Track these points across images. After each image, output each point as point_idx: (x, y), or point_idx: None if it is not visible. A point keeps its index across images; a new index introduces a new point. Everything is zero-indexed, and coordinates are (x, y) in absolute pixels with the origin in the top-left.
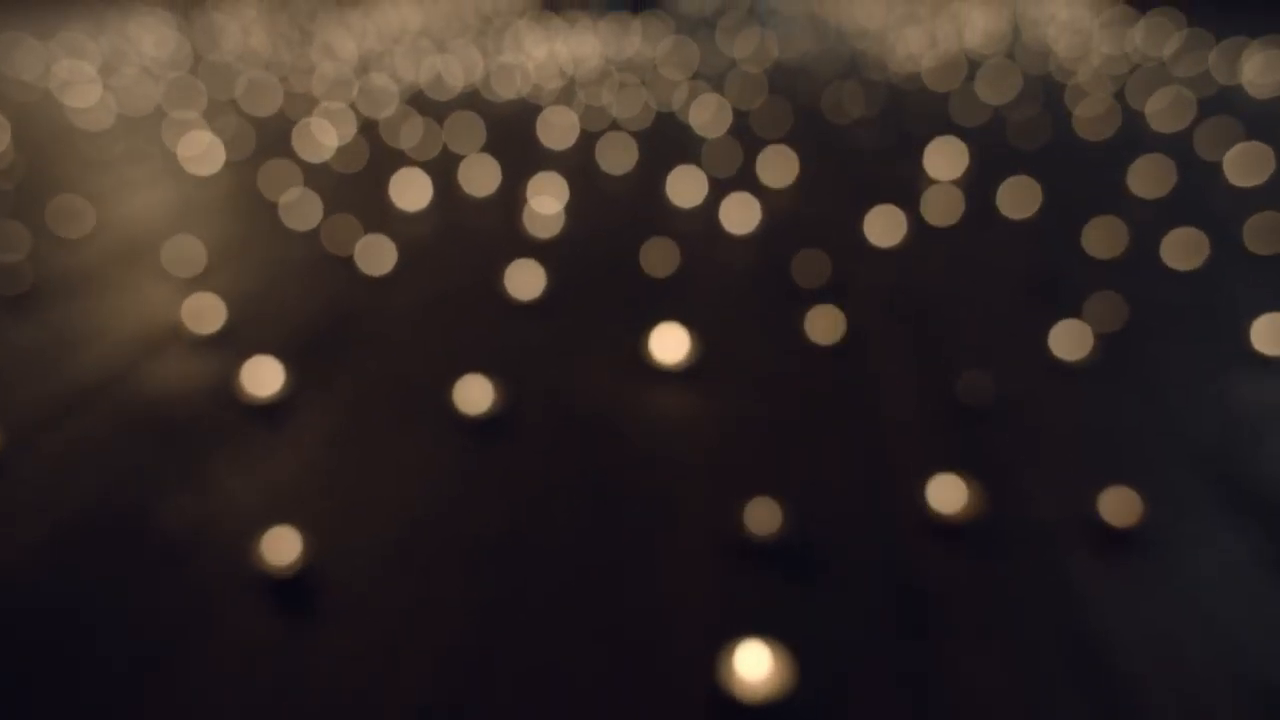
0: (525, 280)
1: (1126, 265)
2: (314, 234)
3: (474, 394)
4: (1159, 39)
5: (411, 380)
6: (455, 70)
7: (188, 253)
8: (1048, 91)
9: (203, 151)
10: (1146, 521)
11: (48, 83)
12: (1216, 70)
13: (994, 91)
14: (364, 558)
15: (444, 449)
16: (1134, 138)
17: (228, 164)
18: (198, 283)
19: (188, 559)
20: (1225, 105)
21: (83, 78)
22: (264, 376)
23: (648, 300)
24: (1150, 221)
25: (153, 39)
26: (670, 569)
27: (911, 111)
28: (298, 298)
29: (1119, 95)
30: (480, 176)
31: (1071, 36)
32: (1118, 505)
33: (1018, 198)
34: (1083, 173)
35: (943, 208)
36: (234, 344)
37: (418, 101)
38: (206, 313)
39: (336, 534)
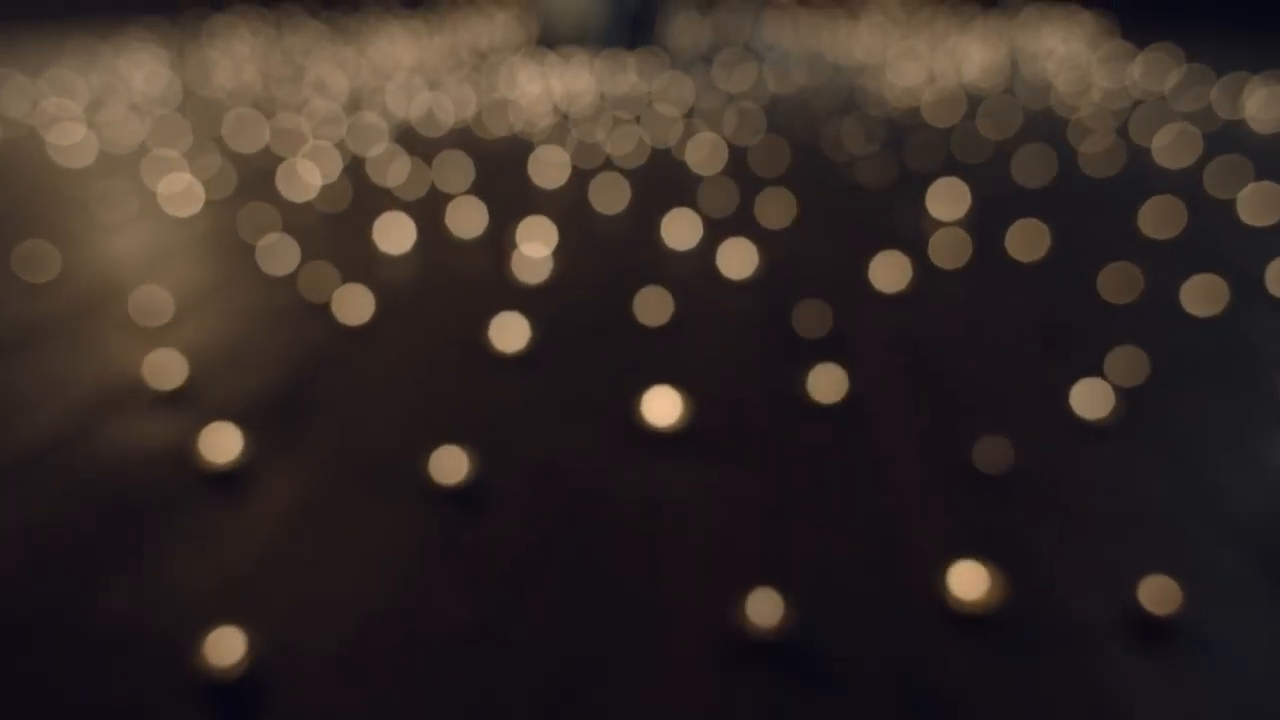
0: (510, 332)
1: (1142, 311)
2: (291, 279)
3: (448, 465)
4: (1159, 74)
5: (382, 447)
6: (447, 106)
7: (155, 302)
8: (1050, 127)
9: (182, 191)
10: (1186, 607)
11: (33, 120)
12: (1219, 105)
13: (995, 127)
14: (317, 657)
15: (412, 527)
16: (1140, 175)
17: (207, 204)
18: (163, 334)
19: (122, 653)
20: (1230, 140)
21: (68, 114)
22: (222, 443)
23: (640, 353)
24: (1165, 264)
25: (143, 75)
26: (660, 671)
27: (912, 148)
28: (267, 351)
29: (1122, 131)
30: (468, 218)
31: (1070, 71)
32: (1155, 593)
33: (1026, 240)
34: (1091, 212)
35: (948, 250)
36: (195, 403)
37: (408, 138)
38: (168, 369)
39: (288, 629)
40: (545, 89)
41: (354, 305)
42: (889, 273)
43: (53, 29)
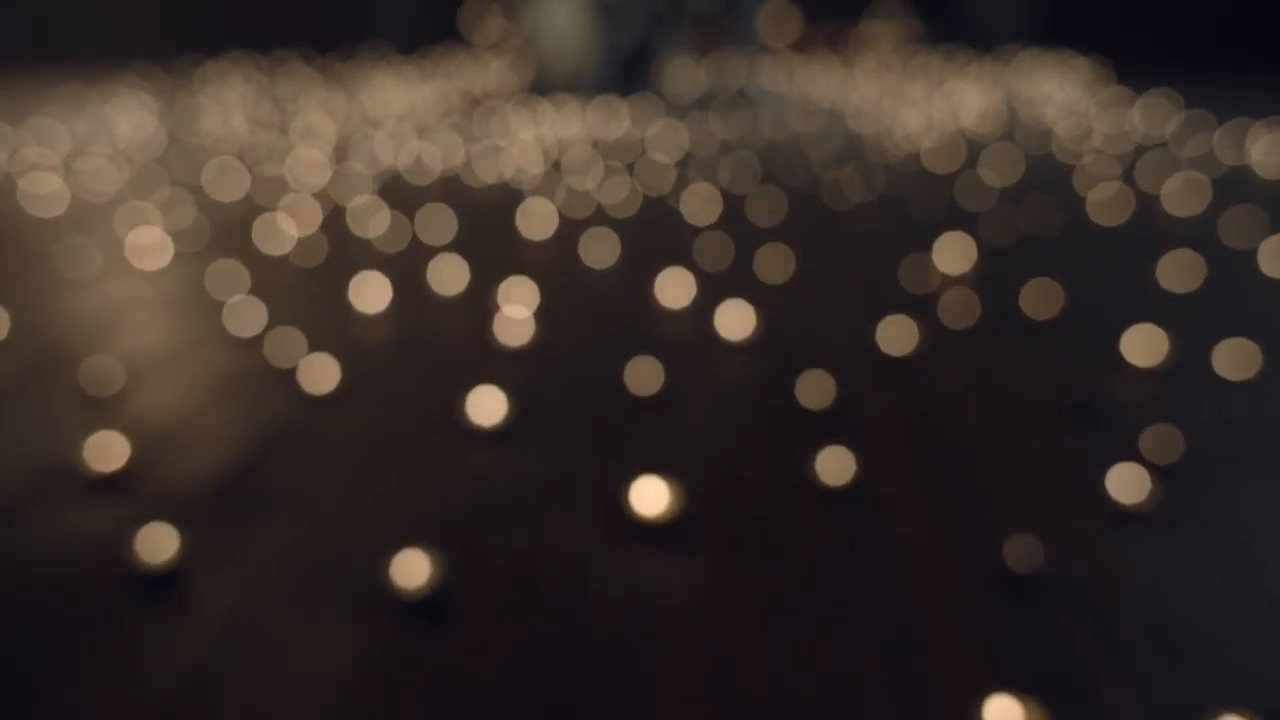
0: (488, 405)
1: (1169, 376)
2: (258, 341)
3: (410, 569)
4: (1158, 119)
5: (338, 544)
6: (436, 154)
7: (105, 371)
8: (1053, 174)
9: (152, 244)
10: None
11: (10, 168)
12: (1222, 151)
13: (997, 174)
14: None
15: (366, 642)
16: (1150, 223)
17: (177, 257)
18: (111, 407)
19: None
20: (1237, 187)
21: (45, 163)
22: (158, 539)
23: (628, 427)
24: (1187, 322)
25: (129, 122)
26: None
27: (914, 197)
28: (222, 426)
29: (1127, 177)
30: (449, 274)
31: (1070, 116)
32: None
33: (1039, 297)
34: (1104, 264)
35: (957, 309)
36: (135, 490)
37: (394, 186)
38: (109, 449)
39: None
40: (537, 136)
41: (320, 373)
42: (895, 334)
43: (43, 76)
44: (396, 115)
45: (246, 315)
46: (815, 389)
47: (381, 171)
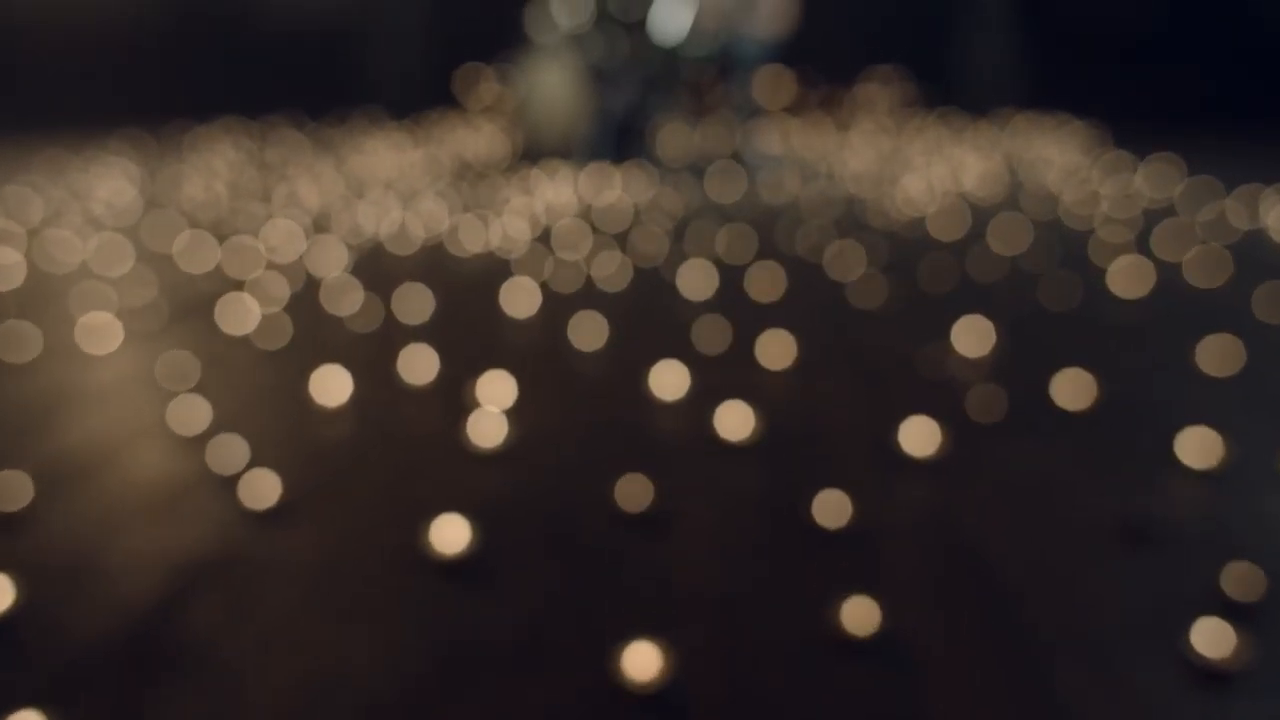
0: (452, 535)
1: (1229, 482)
2: (202, 441)
3: None
4: (1164, 184)
5: None
6: (421, 222)
7: (9, 485)
8: (1064, 241)
9: (104, 323)
10: None
11: None
12: (1234, 217)
13: (1006, 242)
14: None
15: None
16: (1174, 295)
17: (130, 339)
18: (10, 530)
19: None
20: (1254, 254)
21: (8, 234)
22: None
23: (615, 558)
24: (1230, 410)
25: (106, 190)
26: None
27: (922, 268)
28: (141, 553)
29: (1142, 245)
30: (421, 362)
31: (1074, 182)
32: None
33: (1073, 388)
34: (1134, 344)
35: (983, 401)
36: (17, 647)
37: (375, 256)
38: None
39: None
40: (526, 204)
41: (264, 486)
42: (915, 432)
43: (29, 140)
44: (383, 182)
45: (191, 411)
46: (829, 507)
47: (363, 240)
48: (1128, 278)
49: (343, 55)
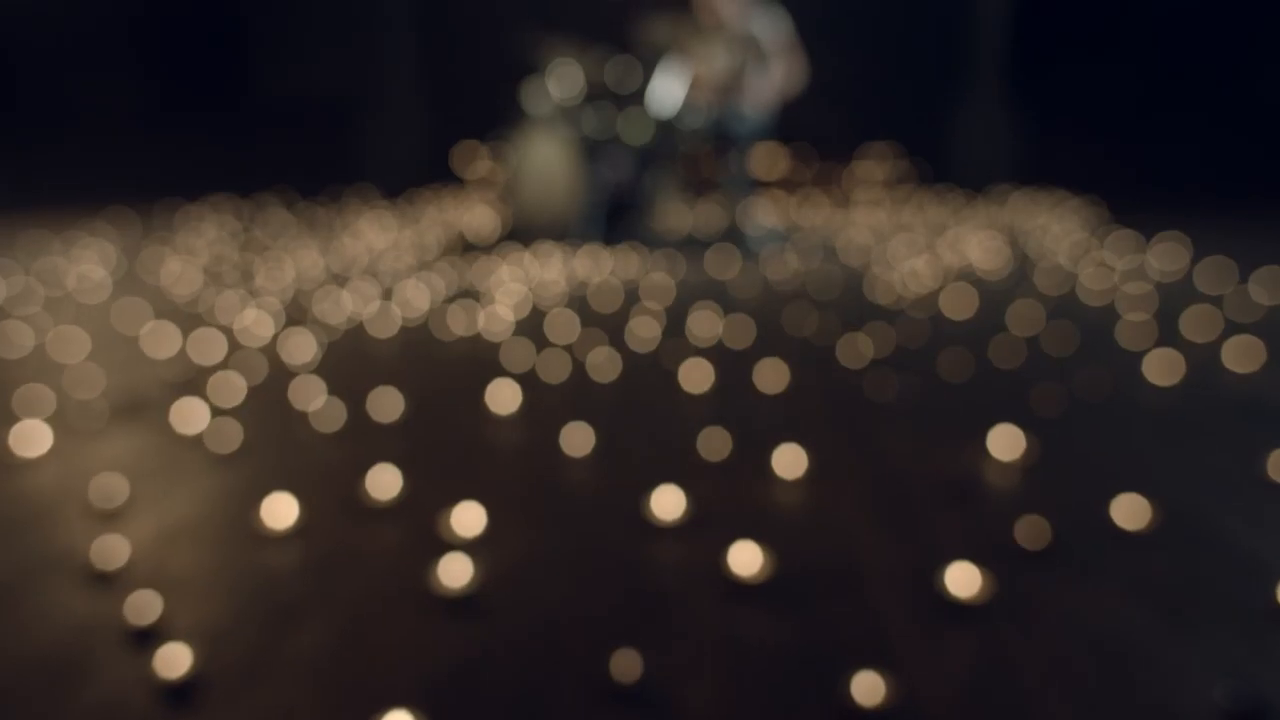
0: None
1: None
2: (115, 581)
3: None
4: (1174, 262)
5: None
6: (402, 305)
7: None
8: (1083, 322)
9: (34, 426)
10: None
11: None
12: (1258, 298)
13: (1022, 323)
14: None
15: None
16: (1210, 386)
17: (68, 439)
18: None
19: None
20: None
21: None
22: None
23: None
24: None
25: (79, 272)
26: None
27: (940, 356)
28: None
29: (1169, 330)
30: (388, 480)
31: (1087, 261)
32: None
33: (1133, 512)
34: (1187, 445)
35: (1033, 530)
36: None
37: (353, 341)
38: None
39: None
40: (513, 285)
41: (174, 656)
42: (957, 574)
43: (15, 221)
44: (367, 263)
45: (111, 543)
46: (867, 685)
47: (343, 323)
48: (1159, 365)
49: (339, 131)
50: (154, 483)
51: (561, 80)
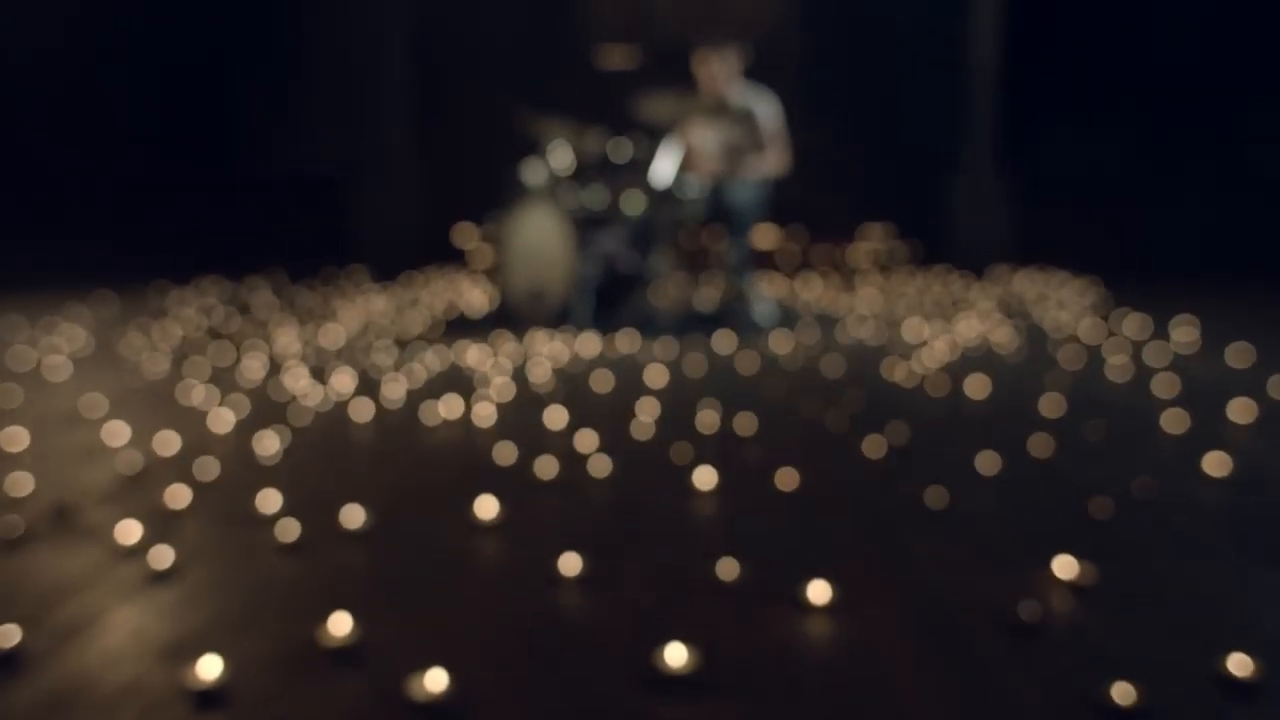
0: None
1: None
2: None
3: None
4: (1188, 344)
5: None
6: (385, 389)
7: None
8: (1110, 407)
9: None
10: None
11: None
12: None
13: (1048, 404)
14: None
15: None
16: (1258, 477)
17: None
18: None
19: None
20: None
21: None
22: None
23: None
24: None
25: (44, 360)
26: None
27: (964, 446)
28: None
29: (1210, 417)
30: (340, 622)
31: (1110, 349)
32: None
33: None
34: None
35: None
36: None
37: (333, 422)
38: None
39: None
40: (497, 375)
41: None
42: None
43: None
44: (349, 345)
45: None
46: None
47: (318, 404)
48: (1209, 459)
49: (333, 212)
50: (57, 623)
51: (558, 155)
